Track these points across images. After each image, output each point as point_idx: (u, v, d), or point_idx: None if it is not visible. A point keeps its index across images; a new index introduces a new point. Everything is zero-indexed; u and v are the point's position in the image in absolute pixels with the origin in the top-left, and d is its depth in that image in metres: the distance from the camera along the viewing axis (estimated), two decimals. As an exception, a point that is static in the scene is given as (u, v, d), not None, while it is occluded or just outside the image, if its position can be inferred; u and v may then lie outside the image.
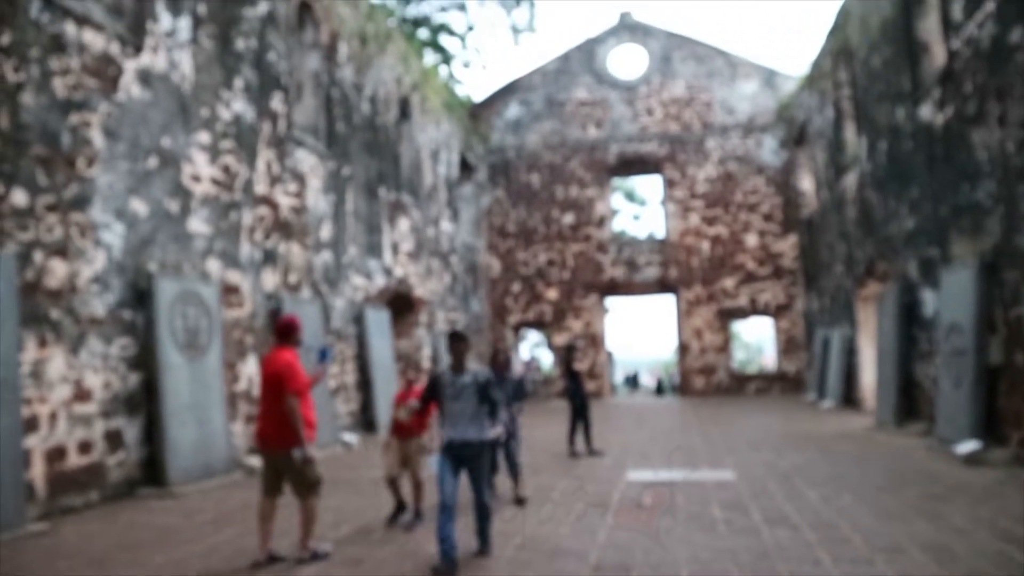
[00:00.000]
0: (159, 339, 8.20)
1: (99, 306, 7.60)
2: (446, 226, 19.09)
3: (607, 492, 7.38)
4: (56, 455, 6.95)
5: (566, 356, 11.43)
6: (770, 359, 35.41)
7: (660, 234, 22.77)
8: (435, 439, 5.86)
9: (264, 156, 10.79)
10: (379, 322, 14.12)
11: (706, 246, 22.03)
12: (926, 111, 10.68)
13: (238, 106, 10.23)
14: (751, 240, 21.88)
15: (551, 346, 24.23)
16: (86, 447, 7.30)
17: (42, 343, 6.89)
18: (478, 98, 23.74)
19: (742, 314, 22.05)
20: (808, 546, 5.13)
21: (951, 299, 9.57)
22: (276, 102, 11.20)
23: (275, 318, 10.55)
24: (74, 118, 7.40)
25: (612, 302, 24.86)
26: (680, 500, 6.85)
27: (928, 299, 11.01)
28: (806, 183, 20.18)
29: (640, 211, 35.92)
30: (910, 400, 11.66)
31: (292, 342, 5.39)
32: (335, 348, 12.27)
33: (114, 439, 7.67)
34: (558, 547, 5.36)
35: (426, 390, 5.34)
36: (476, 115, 23.05)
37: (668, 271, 22.15)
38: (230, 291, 9.84)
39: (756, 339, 52.44)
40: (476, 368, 5.25)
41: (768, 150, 21.98)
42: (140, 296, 8.15)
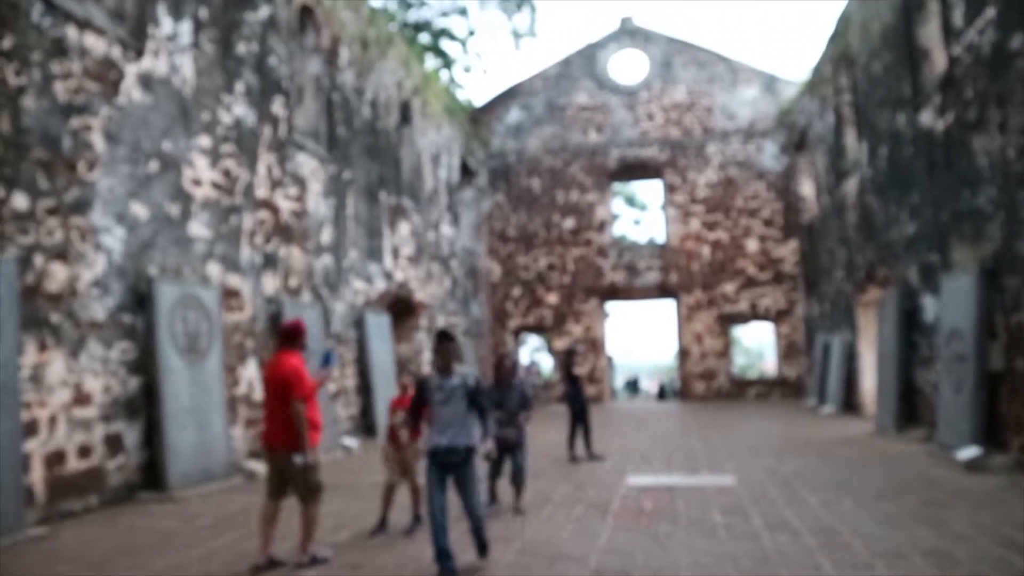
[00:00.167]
0: (159, 343, 8.20)
1: (99, 310, 7.60)
2: (447, 230, 19.10)
3: (607, 497, 7.36)
4: (56, 459, 6.94)
5: (566, 361, 11.42)
6: (770, 364, 35.37)
7: (660, 239, 22.74)
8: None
9: (265, 160, 10.81)
10: (379, 326, 14.13)
11: (706, 251, 22.03)
12: (927, 117, 10.69)
13: (239, 110, 10.25)
14: (752, 245, 21.88)
15: (551, 350, 24.22)
16: (86, 451, 7.30)
17: (42, 347, 6.89)
18: (479, 102, 23.75)
19: (742, 319, 22.04)
20: (808, 552, 5.12)
21: (952, 305, 9.57)
22: (277, 106, 11.22)
23: (275, 322, 10.59)
24: (75, 122, 7.42)
25: (612, 307, 24.79)
26: (680, 505, 6.84)
27: (929, 305, 11.00)
28: (807, 188, 20.18)
29: (641, 216, 35.93)
30: (911, 406, 11.64)
31: (298, 346, 5.38)
32: (336, 352, 12.26)
33: (114, 443, 7.66)
34: (558, 552, 5.35)
35: (415, 397, 5.13)
36: (477, 119, 23.07)
37: (668, 276, 22.14)
38: (230, 295, 9.84)
39: (756, 344, 52.36)
40: (464, 370, 5.17)
41: (769, 155, 21.99)
42: (140, 300, 8.16)
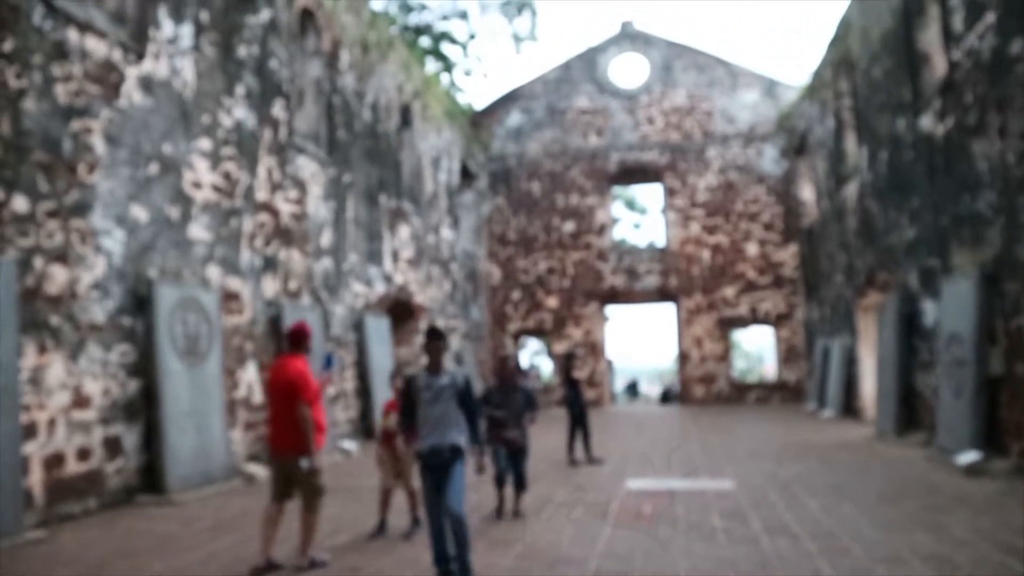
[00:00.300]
0: (159, 346, 8.19)
1: (99, 312, 7.59)
2: (446, 233, 19.11)
3: (607, 500, 7.36)
4: (55, 462, 6.93)
5: (566, 364, 11.41)
6: (770, 368, 35.37)
7: (660, 243, 22.74)
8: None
9: (265, 163, 10.82)
10: (379, 329, 14.12)
11: (706, 255, 22.03)
12: (927, 122, 10.70)
13: (239, 113, 10.26)
14: (751, 249, 21.88)
15: (551, 354, 24.21)
16: (85, 454, 7.29)
17: (41, 349, 6.89)
18: (479, 106, 23.78)
19: (742, 323, 22.03)
20: (808, 556, 5.11)
21: (951, 309, 9.56)
22: (277, 109, 11.23)
23: (275, 325, 10.59)
24: (76, 124, 7.42)
25: (612, 310, 24.79)
26: (680, 509, 6.83)
27: (928, 309, 11.00)
28: (806, 193, 20.19)
29: (640, 220, 35.90)
30: (910, 410, 11.63)
31: (303, 349, 5.38)
32: (336, 355, 12.26)
33: (113, 446, 7.65)
34: (558, 555, 5.34)
35: (404, 399, 4.90)
36: (477, 123, 23.10)
37: (668, 280, 22.14)
38: (230, 298, 9.84)
39: (756, 348, 52.33)
40: (456, 370, 5.11)
41: (769, 159, 22.01)
42: (140, 302, 8.15)
